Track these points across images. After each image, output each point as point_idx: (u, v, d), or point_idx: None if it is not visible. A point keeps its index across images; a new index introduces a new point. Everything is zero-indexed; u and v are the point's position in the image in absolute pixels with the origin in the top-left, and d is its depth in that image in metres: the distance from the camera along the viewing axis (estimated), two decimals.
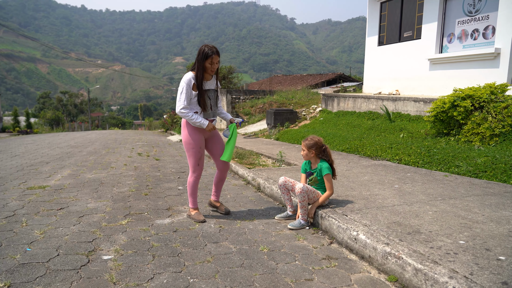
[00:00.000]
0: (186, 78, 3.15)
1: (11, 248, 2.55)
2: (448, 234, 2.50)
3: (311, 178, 3.31)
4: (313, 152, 3.20)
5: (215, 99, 3.38)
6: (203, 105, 3.21)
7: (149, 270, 2.27)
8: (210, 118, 3.33)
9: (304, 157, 3.27)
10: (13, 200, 3.89)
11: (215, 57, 3.14)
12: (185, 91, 3.12)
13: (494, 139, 5.71)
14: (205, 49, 3.13)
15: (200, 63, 3.14)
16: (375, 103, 9.65)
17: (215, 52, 3.14)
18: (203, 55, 3.12)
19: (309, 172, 3.31)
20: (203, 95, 3.20)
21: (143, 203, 3.91)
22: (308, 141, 3.21)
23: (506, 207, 3.15)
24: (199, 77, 3.15)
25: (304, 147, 3.23)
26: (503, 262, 2.06)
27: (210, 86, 3.31)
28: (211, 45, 3.17)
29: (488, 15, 7.88)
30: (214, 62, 3.16)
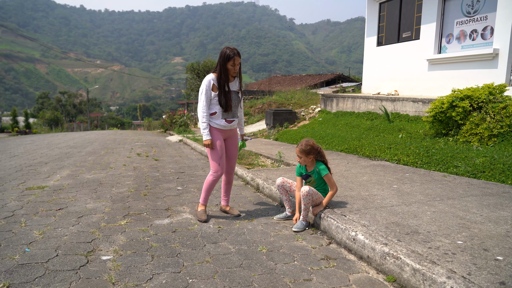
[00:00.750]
0: (206, 79, 3.25)
1: (10, 248, 2.55)
2: (446, 234, 2.51)
3: (309, 180, 3.27)
4: (311, 157, 3.16)
5: (237, 101, 3.42)
6: (224, 105, 3.27)
7: (148, 271, 2.28)
8: (229, 118, 3.37)
9: (302, 163, 3.22)
10: (12, 201, 3.89)
11: (237, 58, 3.22)
12: (204, 92, 3.23)
13: (493, 139, 5.72)
14: (227, 51, 3.20)
15: (222, 65, 3.21)
16: (374, 103, 9.67)
17: (237, 54, 3.22)
18: (225, 57, 3.19)
19: (306, 175, 3.27)
20: (226, 95, 3.26)
21: (142, 203, 3.91)
22: (305, 147, 3.14)
23: (504, 208, 3.16)
24: (223, 78, 3.24)
25: (301, 154, 3.16)
26: (500, 262, 2.07)
27: (233, 88, 3.37)
28: (232, 47, 3.23)
29: (487, 15, 7.90)
30: (236, 64, 3.23)
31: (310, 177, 3.26)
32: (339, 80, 27.91)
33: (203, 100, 3.25)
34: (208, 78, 3.27)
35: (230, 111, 3.35)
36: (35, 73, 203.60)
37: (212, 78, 3.27)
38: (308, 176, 3.27)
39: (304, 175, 3.29)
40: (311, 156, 3.16)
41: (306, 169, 3.27)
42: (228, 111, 3.32)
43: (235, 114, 3.44)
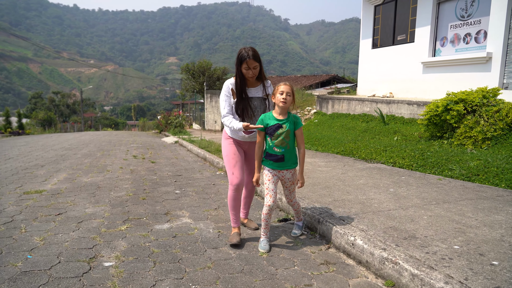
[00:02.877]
0: (225, 84, 2.96)
1: (12, 255, 2.56)
2: (443, 239, 2.56)
3: (280, 133, 2.70)
4: (294, 100, 2.74)
5: (261, 109, 2.99)
6: (241, 114, 2.92)
7: (151, 277, 2.30)
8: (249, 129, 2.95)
9: (287, 105, 2.68)
10: (10, 205, 3.89)
11: (251, 61, 2.81)
12: (224, 98, 2.94)
13: (486, 142, 5.82)
14: (241, 51, 2.85)
15: (237, 68, 2.88)
16: (370, 105, 9.75)
17: (251, 56, 2.80)
18: (238, 60, 2.85)
19: (276, 125, 2.70)
20: (244, 103, 2.91)
21: (141, 207, 3.93)
22: (290, 86, 2.71)
23: (498, 211, 3.23)
24: (239, 83, 2.89)
25: (291, 90, 2.70)
26: (496, 267, 2.12)
27: (255, 94, 2.98)
28: (249, 47, 2.85)
29: (480, 19, 8.01)
30: (251, 67, 2.83)
31: (281, 128, 2.70)
32: (334, 81, 28.03)
33: (224, 107, 2.92)
34: (227, 82, 2.97)
35: (247, 121, 2.95)
36: (28, 73, 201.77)
37: (231, 83, 2.95)
38: (279, 127, 2.70)
39: (274, 126, 2.71)
40: (294, 98, 2.74)
41: (275, 117, 2.73)
42: (247, 120, 2.94)
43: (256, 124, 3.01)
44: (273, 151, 2.76)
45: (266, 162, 2.83)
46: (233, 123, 2.83)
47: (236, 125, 2.80)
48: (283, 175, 2.83)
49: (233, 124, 2.82)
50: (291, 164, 2.83)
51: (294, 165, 2.85)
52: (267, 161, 2.82)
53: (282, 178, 2.84)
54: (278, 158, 2.76)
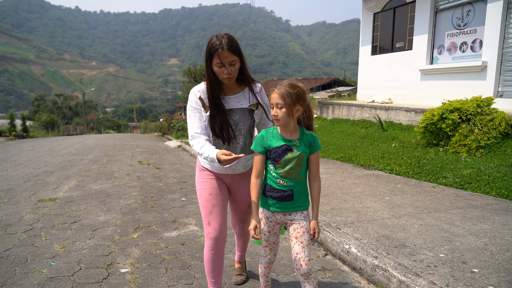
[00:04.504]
0: (190, 93, 2.10)
1: (37, 262, 2.80)
2: (430, 248, 2.79)
3: (289, 158, 1.86)
4: (300, 109, 1.84)
5: (247, 125, 2.11)
6: (220, 133, 2.05)
7: (164, 283, 2.54)
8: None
9: (281, 121, 1.83)
10: (27, 213, 4.13)
11: (225, 54, 1.91)
12: (191, 113, 2.05)
13: (480, 150, 6.04)
14: (212, 40, 1.97)
15: (207, 66, 2.01)
16: (369, 111, 9.98)
17: (225, 46, 1.91)
18: (207, 53, 1.98)
19: (284, 147, 1.86)
20: (221, 117, 2.04)
21: (150, 215, 4.17)
22: (290, 88, 1.81)
23: (485, 220, 3.46)
24: (209, 89, 2.02)
25: (281, 98, 1.79)
26: (475, 274, 2.35)
27: (236, 104, 2.10)
28: (224, 33, 1.98)
29: (476, 29, 8.24)
30: (226, 63, 1.94)
31: (291, 151, 1.86)
32: (335, 84, 28.29)
33: (192, 127, 2.06)
34: (193, 90, 2.10)
35: (235, 143, 2.10)
36: (30, 75, 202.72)
37: (199, 90, 2.08)
38: (287, 150, 1.86)
39: (280, 148, 1.87)
40: (300, 106, 1.83)
41: (281, 136, 1.88)
42: (224, 142, 2.08)
43: (238, 148, 2.12)
44: (278, 184, 1.90)
45: (265, 202, 1.97)
46: (205, 149, 1.93)
47: (208, 153, 1.90)
48: (291, 220, 1.95)
49: (204, 151, 1.93)
50: (303, 203, 1.97)
51: (307, 204, 1.99)
52: (268, 199, 1.95)
53: (289, 226, 1.97)
54: (285, 196, 1.90)
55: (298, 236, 1.93)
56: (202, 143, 1.98)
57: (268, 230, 2.02)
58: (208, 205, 2.12)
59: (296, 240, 1.93)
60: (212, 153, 1.89)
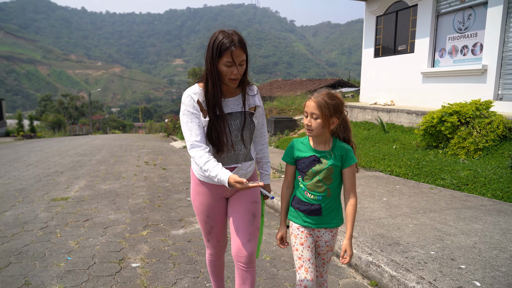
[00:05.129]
0: (185, 96, 1.88)
1: (54, 257, 3.01)
2: (422, 246, 2.96)
3: (318, 170, 1.78)
4: (336, 121, 1.75)
5: (247, 130, 1.94)
6: (217, 141, 1.85)
7: (172, 276, 2.74)
8: (230, 164, 1.92)
9: (314, 131, 1.74)
10: (42, 212, 4.35)
11: (238, 52, 1.76)
12: (187, 118, 1.83)
13: (478, 153, 6.18)
14: (219, 37, 1.77)
15: (212, 65, 1.79)
16: (371, 113, 10.13)
17: (237, 43, 1.76)
18: (215, 50, 1.77)
19: (312, 157, 1.79)
20: (219, 123, 1.85)
21: (157, 214, 4.37)
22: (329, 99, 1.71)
23: (477, 221, 3.62)
24: (211, 91, 1.82)
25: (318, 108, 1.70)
26: (462, 270, 2.52)
27: (236, 106, 1.93)
28: (231, 30, 1.81)
29: (477, 32, 8.36)
30: (237, 62, 1.77)
31: (319, 163, 1.78)
32: (339, 85, 28.38)
33: (190, 135, 1.82)
34: (188, 92, 1.88)
35: (232, 151, 1.91)
36: (36, 75, 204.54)
37: (195, 92, 1.86)
38: (315, 162, 1.78)
39: (308, 159, 1.80)
40: (336, 119, 1.75)
41: (311, 146, 1.82)
42: (221, 151, 1.88)
43: (240, 156, 1.93)
44: (305, 197, 1.83)
45: (293, 213, 1.89)
46: (211, 166, 1.73)
47: (217, 173, 1.70)
48: (318, 236, 1.86)
49: (211, 168, 1.72)
50: (332, 221, 1.85)
51: (337, 222, 1.87)
52: (296, 212, 1.87)
53: (316, 240, 1.89)
54: (312, 210, 1.81)
55: (321, 253, 1.91)
56: (206, 157, 1.76)
57: (300, 243, 1.81)
58: (206, 226, 2.05)
59: (319, 256, 1.92)
60: (223, 175, 1.68)
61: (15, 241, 3.36)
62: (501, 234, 3.21)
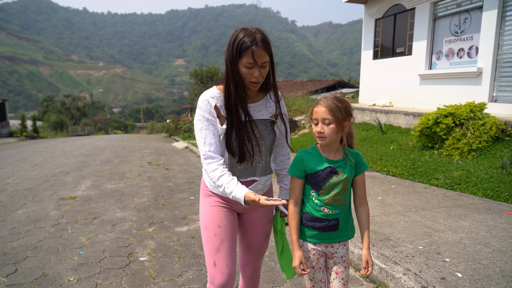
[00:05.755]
0: (201, 100, 1.71)
1: (67, 251, 3.23)
2: (411, 241, 3.16)
3: (335, 182, 1.65)
4: (348, 125, 1.66)
5: (269, 140, 1.79)
6: (236, 149, 1.70)
7: (177, 269, 2.94)
8: (245, 177, 1.77)
9: (327, 139, 1.61)
10: (52, 210, 4.57)
11: (260, 52, 1.60)
12: (202, 125, 1.69)
13: (472, 153, 6.37)
14: (240, 35, 1.62)
15: (232, 65, 1.64)
16: (369, 114, 10.33)
17: (259, 43, 1.60)
18: (235, 49, 1.62)
19: (329, 169, 1.65)
20: (243, 130, 1.70)
21: (162, 212, 4.58)
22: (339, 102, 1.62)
23: (466, 218, 3.81)
24: (234, 94, 1.66)
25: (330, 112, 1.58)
26: (447, 263, 2.72)
27: (256, 113, 1.77)
28: (254, 28, 1.66)
29: (472, 36, 8.55)
30: (259, 63, 1.62)
31: (337, 175, 1.66)
32: (339, 86, 28.57)
33: (205, 143, 1.68)
34: (205, 96, 1.72)
35: (246, 163, 1.74)
36: (38, 76, 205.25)
37: (213, 96, 1.71)
38: (332, 173, 1.66)
39: (324, 171, 1.65)
40: (348, 122, 1.66)
41: (324, 156, 1.68)
42: (242, 161, 1.73)
43: (257, 168, 1.78)
44: (321, 213, 1.68)
45: (305, 233, 1.72)
46: (225, 181, 1.62)
47: (232, 190, 1.59)
48: (333, 252, 1.74)
49: (225, 184, 1.61)
50: (347, 233, 1.76)
51: (351, 233, 1.79)
52: (309, 230, 1.71)
53: (330, 258, 1.76)
54: (330, 226, 1.69)
55: (339, 272, 1.73)
56: (220, 171, 1.64)
57: (312, 266, 1.72)
58: (215, 240, 1.76)
59: (337, 276, 1.74)
60: (238, 192, 1.56)
61: (30, 237, 3.57)
62: (487, 230, 3.40)
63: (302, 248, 1.73)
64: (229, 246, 1.77)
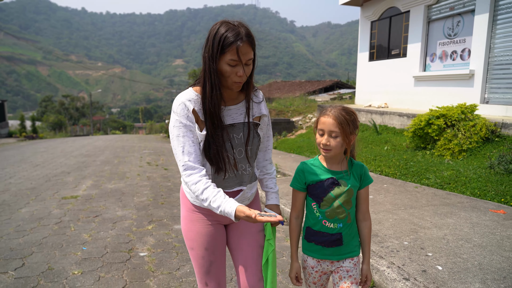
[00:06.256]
0: (176, 103, 1.53)
1: (71, 247, 3.39)
2: (397, 237, 3.33)
3: (337, 194, 1.59)
4: (354, 138, 1.60)
5: (255, 144, 1.64)
6: (217, 159, 1.54)
7: (175, 263, 3.11)
8: (233, 187, 1.63)
9: (333, 152, 1.56)
10: (54, 209, 4.73)
11: (245, 48, 1.45)
12: (179, 131, 1.51)
13: (462, 154, 6.55)
14: (221, 29, 1.46)
15: (211, 63, 1.47)
16: (365, 115, 10.50)
17: (244, 38, 1.45)
18: (216, 45, 1.45)
19: (330, 180, 1.60)
20: (218, 136, 1.53)
21: (161, 211, 4.74)
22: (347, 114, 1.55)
23: (452, 216, 3.98)
24: (209, 96, 1.49)
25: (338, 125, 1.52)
26: (429, 257, 2.89)
27: (238, 116, 1.61)
28: (236, 21, 1.49)
29: (465, 38, 8.73)
30: (243, 60, 1.47)
31: (339, 186, 1.60)
32: (337, 86, 28.76)
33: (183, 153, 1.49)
34: (181, 98, 1.53)
35: (233, 171, 1.61)
36: (37, 76, 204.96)
37: (189, 99, 1.53)
38: (333, 185, 1.60)
39: (325, 183, 1.60)
40: (354, 135, 1.60)
41: (325, 167, 1.62)
42: (222, 171, 1.57)
43: (244, 176, 1.64)
44: (323, 227, 1.62)
45: (309, 248, 1.68)
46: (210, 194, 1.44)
47: (219, 204, 1.42)
48: (338, 268, 1.66)
49: (211, 197, 1.44)
50: (354, 249, 1.67)
51: (358, 249, 1.70)
52: (311, 245, 1.66)
53: (335, 273, 1.67)
54: (333, 240, 1.62)
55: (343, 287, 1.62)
56: (203, 183, 1.46)
57: (313, 282, 1.68)
58: (204, 262, 1.65)
59: None
60: (227, 206, 1.39)
61: (34, 234, 3.74)
62: (470, 227, 3.58)
63: (306, 263, 1.69)
64: (219, 265, 1.69)
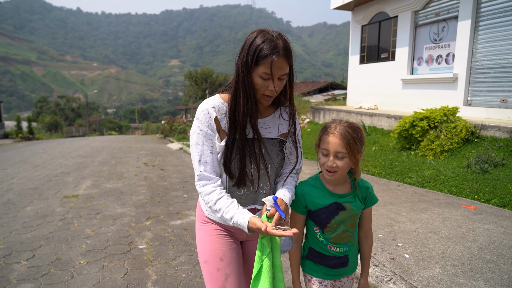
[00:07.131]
0: (201, 110, 1.47)
1: (76, 241, 3.70)
2: (373, 230, 3.67)
3: (342, 219, 1.51)
4: (360, 157, 1.47)
5: (276, 162, 1.55)
6: (238, 172, 1.47)
7: (172, 254, 3.43)
8: (247, 205, 1.54)
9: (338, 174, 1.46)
10: (57, 207, 5.02)
11: (280, 62, 1.37)
12: (199, 139, 1.45)
13: (444, 154, 6.92)
14: (257, 40, 1.38)
15: (245, 73, 1.40)
16: (355, 117, 10.86)
17: (281, 52, 1.37)
18: (251, 55, 1.38)
19: (335, 205, 1.49)
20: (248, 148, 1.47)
21: (158, 208, 5.05)
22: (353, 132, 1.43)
23: (426, 211, 4.33)
24: (244, 107, 1.43)
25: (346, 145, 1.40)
26: (399, 247, 3.23)
27: (264, 131, 1.54)
28: (275, 32, 1.42)
29: (449, 43, 9.11)
30: (276, 75, 1.39)
31: (344, 210, 1.50)
32: (331, 87, 29.18)
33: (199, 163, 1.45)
34: (206, 106, 1.47)
35: (247, 188, 1.52)
36: (31, 76, 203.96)
37: (214, 106, 1.47)
38: (338, 209, 1.50)
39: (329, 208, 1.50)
40: (360, 154, 1.47)
41: (328, 189, 1.52)
42: (240, 185, 1.49)
43: (259, 195, 1.55)
44: (328, 251, 1.56)
45: (313, 268, 1.61)
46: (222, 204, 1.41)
47: (232, 215, 1.39)
48: (340, 286, 1.65)
49: (224, 209, 1.41)
50: (354, 266, 1.64)
51: (356, 265, 1.66)
52: (317, 266, 1.60)
53: None
54: (340, 263, 1.58)
55: None
56: (217, 194, 1.42)
57: None
58: (219, 276, 1.50)
59: None
60: (240, 218, 1.35)
61: (41, 230, 4.04)
62: (441, 221, 3.92)
63: (310, 281, 1.60)
64: (236, 281, 1.51)
